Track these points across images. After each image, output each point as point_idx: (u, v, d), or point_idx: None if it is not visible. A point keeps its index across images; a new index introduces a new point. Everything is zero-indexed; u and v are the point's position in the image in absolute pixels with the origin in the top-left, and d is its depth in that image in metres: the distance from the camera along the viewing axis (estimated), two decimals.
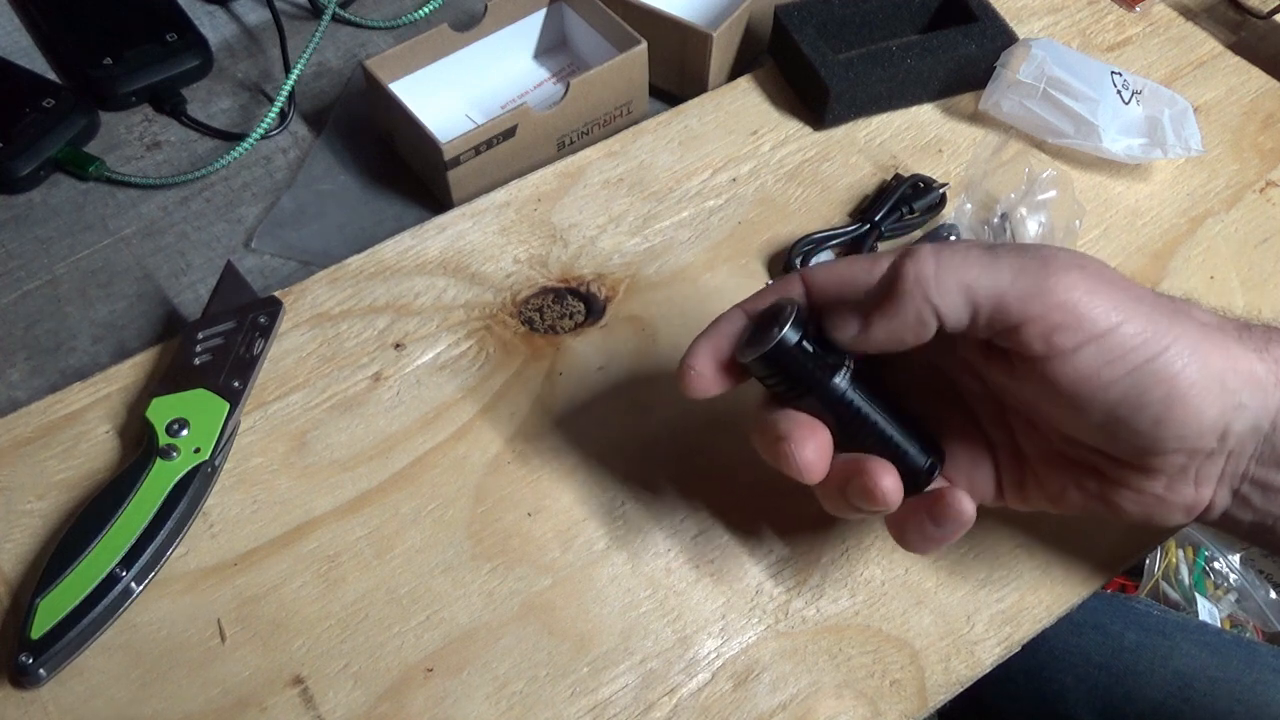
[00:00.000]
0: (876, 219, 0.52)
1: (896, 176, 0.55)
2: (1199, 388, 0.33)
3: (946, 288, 0.33)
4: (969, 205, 0.52)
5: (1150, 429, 0.33)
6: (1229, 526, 0.37)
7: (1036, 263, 0.33)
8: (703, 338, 0.38)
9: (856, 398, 0.37)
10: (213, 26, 0.64)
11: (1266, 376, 0.34)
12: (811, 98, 0.58)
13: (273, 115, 0.58)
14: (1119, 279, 0.34)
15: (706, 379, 0.38)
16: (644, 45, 0.56)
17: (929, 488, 0.38)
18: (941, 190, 0.54)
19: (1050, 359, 0.33)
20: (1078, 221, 0.52)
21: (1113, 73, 0.56)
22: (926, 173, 0.55)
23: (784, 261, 0.52)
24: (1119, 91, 0.56)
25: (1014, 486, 0.39)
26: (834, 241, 0.52)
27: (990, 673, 0.42)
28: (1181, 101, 0.56)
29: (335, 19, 0.64)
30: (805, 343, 0.36)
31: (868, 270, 0.37)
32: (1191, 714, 0.63)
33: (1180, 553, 1.11)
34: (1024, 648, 0.43)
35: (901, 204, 0.53)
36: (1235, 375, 0.33)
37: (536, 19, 0.60)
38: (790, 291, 0.38)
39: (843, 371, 0.37)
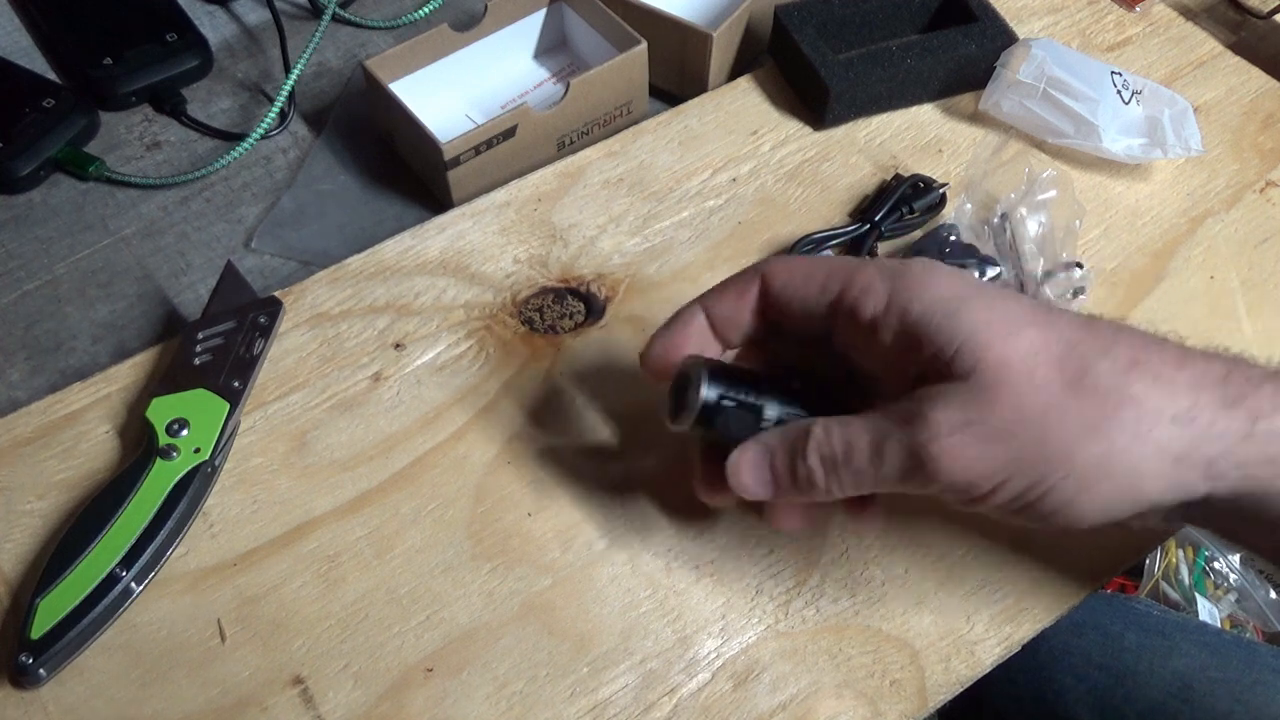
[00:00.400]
0: (876, 219, 0.52)
1: (896, 176, 0.55)
2: (1096, 500, 0.33)
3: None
4: (969, 205, 0.52)
5: (1057, 527, 0.34)
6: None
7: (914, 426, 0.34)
8: (661, 334, 0.40)
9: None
10: (213, 26, 0.64)
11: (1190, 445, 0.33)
12: (811, 98, 0.58)
13: (273, 115, 0.58)
14: (1002, 427, 0.33)
15: (664, 374, 0.40)
16: (644, 45, 0.56)
17: None
18: (941, 190, 0.54)
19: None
20: (1078, 221, 0.52)
21: (1113, 73, 0.56)
22: (926, 173, 0.55)
23: None
24: (1119, 91, 0.56)
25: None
26: (834, 241, 0.52)
27: (991, 672, 0.42)
28: (1181, 101, 0.56)
29: (335, 19, 0.64)
30: (725, 399, 0.38)
31: (821, 286, 0.37)
32: (1191, 714, 0.63)
33: (1180, 553, 1.11)
34: (1024, 648, 0.43)
35: (901, 204, 0.53)
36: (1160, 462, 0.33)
37: (536, 19, 0.60)
38: (749, 287, 0.39)
39: (771, 405, 0.38)
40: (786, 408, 0.38)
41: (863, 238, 0.52)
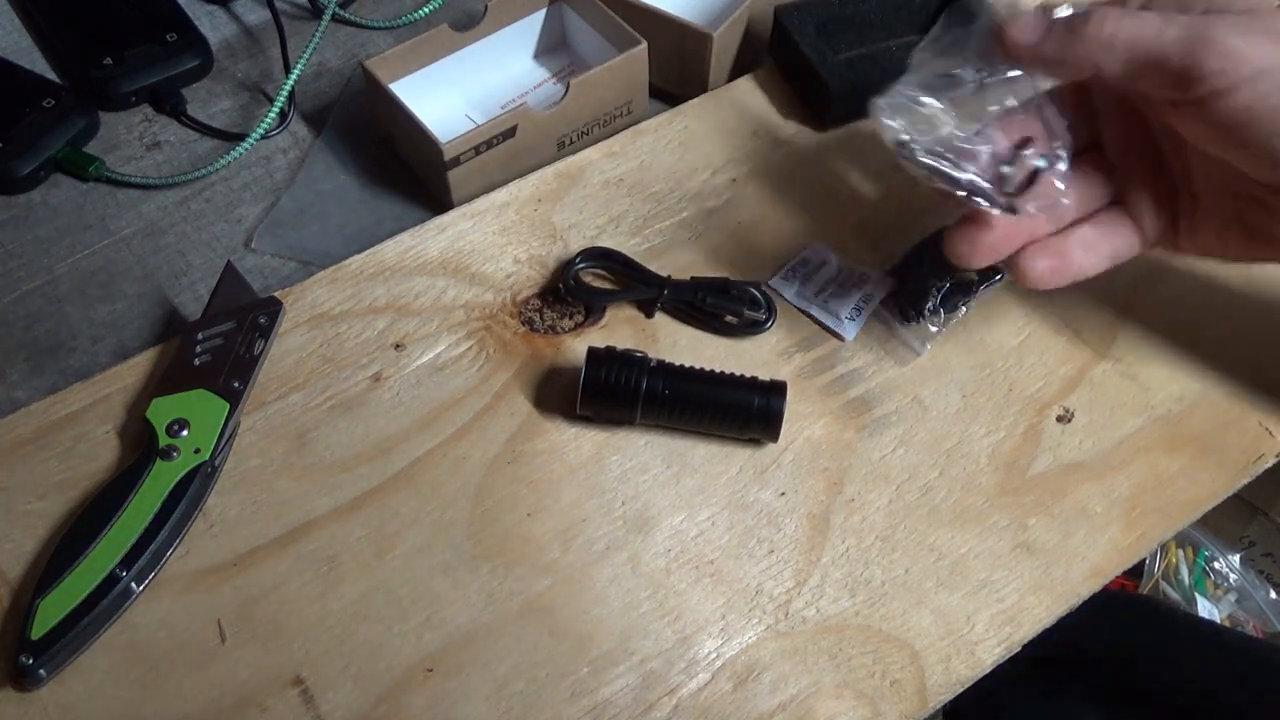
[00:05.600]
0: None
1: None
2: None
3: (1115, 52, 0.37)
4: None
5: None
6: None
7: (1201, 21, 0.37)
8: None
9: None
10: (213, 26, 0.64)
11: None
12: (812, 98, 0.58)
13: (273, 115, 0.58)
14: None
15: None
16: (644, 45, 0.56)
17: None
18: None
19: (1208, 100, 0.37)
20: None
21: None
22: None
23: None
24: None
25: (1187, 224, 0.43)
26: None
27: (994, 670, 0.42)
28: None
29: (335, 19, 0.64)
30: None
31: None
32: (1198, 710, 0.63)
33: (1180, 553, 1.11)
34: (1027, 645, 0.43)
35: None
36: None
37: (536, 19, 0.60)
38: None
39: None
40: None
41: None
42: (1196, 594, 1.08)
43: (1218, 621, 1.06)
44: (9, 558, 0.43)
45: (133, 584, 0.41)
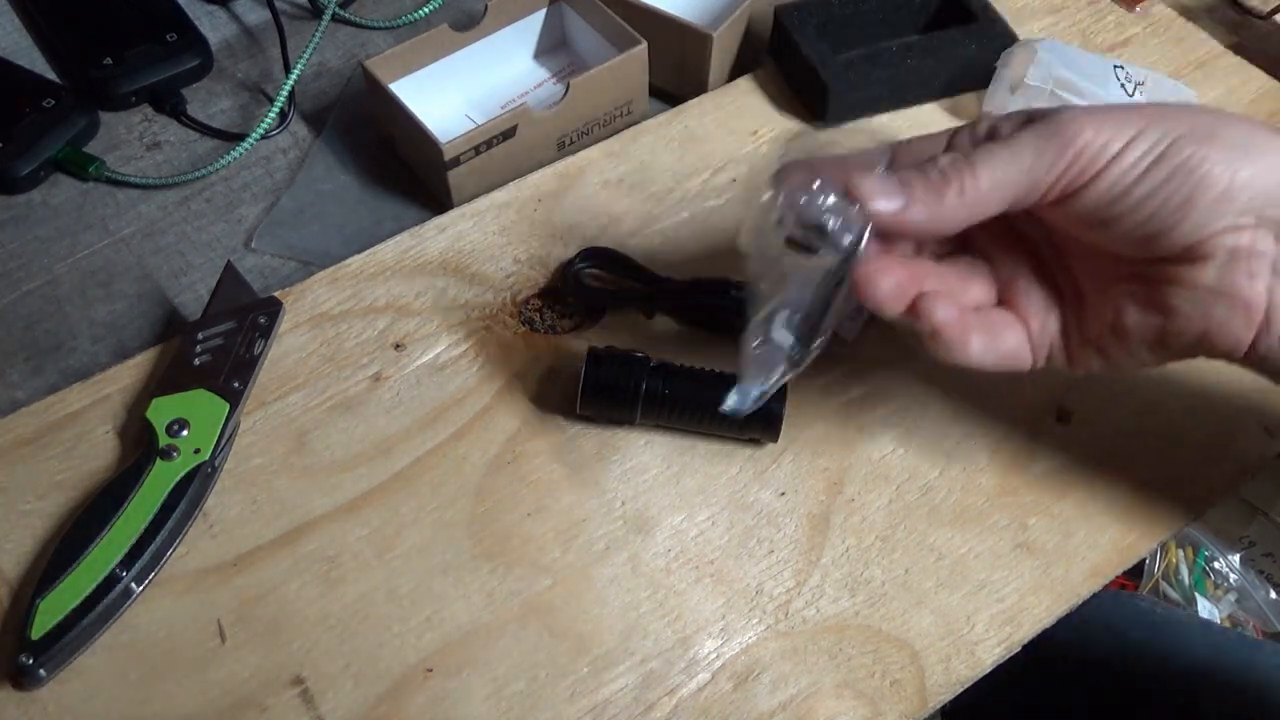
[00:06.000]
0: None
1: None
2: (1219, 153, 0.34)
3: (987, 200, 0.36)
4: None
5: (1183, 205, 0.34)
6: None
7: (1051, 127, 0.36)
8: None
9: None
10: (213, 26, 0.64)
11: None
12: (812, 98, 0.58)
13: (273, 115, 0.58)
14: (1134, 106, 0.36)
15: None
16: (644, 45, 0.56)
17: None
18: None
19: (1074, 196, 0.35)
20: None
21: (1115, 66, 0.56)
22: None
23: None
24: (1123, 85, 0.56)
25: (1077, 327, 0.40)
26: None
27: (992, 671, 0.42)
28: (1185, 90, 0.56)
29: (335, 19, 0.64)
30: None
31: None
32: (1194, 712, 0.63)
33: (1180, 553, 1.11)
34: (1026, 646, 0.43)
35: None
36: (1263, 141, 0.35)
37: (536, 19, 0.60)
38: (879, 154, 0.39)
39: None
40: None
41: None
42: (1196, 594, 1.08)
43: (1218, 620, 1.06)
44: (9, 558, 0.43)
45: (133, 584, 0.41)
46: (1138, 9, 0.65)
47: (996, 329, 0.39)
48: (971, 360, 0.38)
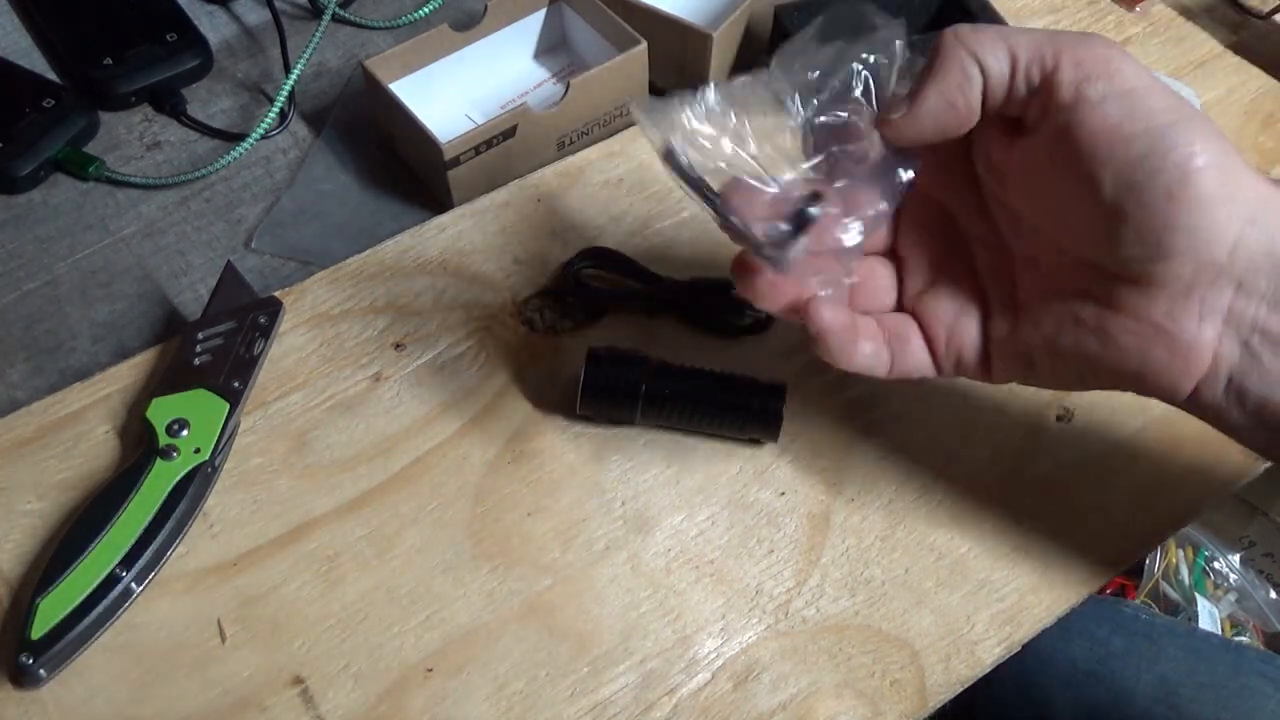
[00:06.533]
0: None
1: None
2: (1212, 175, 0.32)
3: (988, 42, 0.34)
4: None
5: (1160, 209, 0.32)
6: (1233, 412, 0.35)
7: (1076, 33, 0.34)
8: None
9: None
10: (213, 26, 0.64)
11: None
12: None
13: (273, 115, 0.58)
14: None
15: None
16: (644, 45, 0.56)
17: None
18: None
19: (1076, 108, 0.33)
20: None
21: None
22: None
23: None
24: None
25: (1008, 337, 0.38)
26: None
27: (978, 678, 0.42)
28: (1186, 90, 0.56)
29: (335, 19, 0.64)
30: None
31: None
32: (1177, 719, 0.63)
33: (1180, 553, 1.11)
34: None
35: None
36: (1251, 189, 0.32)
37: (536, 19, 0.60)
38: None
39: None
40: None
41: None
42: (1196, 594, 1.08)
43: (1218, 620, 1.06)
44: (9, 558, 0.43)
45: (133, 584, 0.41)
46: (1137, 9, 0.65)
47: (894, 336, 0.38)
48: (858, 367, 0.37)
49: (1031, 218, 0.37)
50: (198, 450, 0.44)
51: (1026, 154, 0.35)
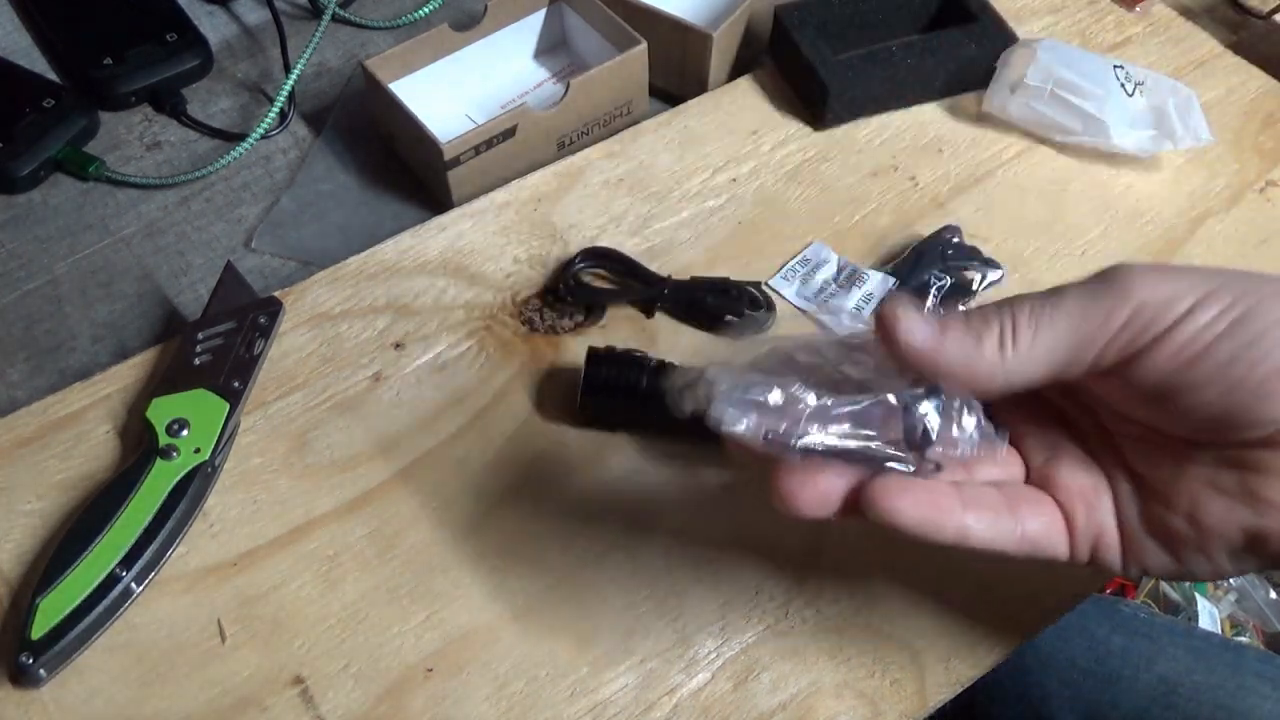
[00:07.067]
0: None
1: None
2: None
3: (1033, 358, 0.30)
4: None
5: (1272, 378, 0.29)
6: None
7: (1105, 278, 0.30)
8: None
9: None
10: (213, 26, 0.64)
11: None
12: (811, 98, 0.58)
13: (273, 115, 0.58)
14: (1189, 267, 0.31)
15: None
16: (644, 45, 0.56)
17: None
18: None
19: (1134, 362, 0.30)
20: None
21: (1115, 66, 0.56)
22: (926, 173, 0.55)
23: None
24: (1122, 84, 0.56)
25: (1140, 516, 0.33)
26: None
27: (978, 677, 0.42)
28: (1184, 90, 0.56)
29: (335, 19, 0.64)
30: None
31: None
32: (1175, 719, 0.63)
33: None
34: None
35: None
36: None
37: (536, 19, 0.60)
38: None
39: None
40: None
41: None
42: (1196, 594, 1.08)
43: (1218, 620, 1.06)
44: (9, 558, 0.43)
45: (133, 584, 0.41)
46: (1137, 9, 0.65)
47: (1017, 506, 0.33)
48: (949, 538, 0.31)
49: (1125, 411, 0.33)
50: (198, 450, 0.44)
51: (1101, 389, 0.32)
